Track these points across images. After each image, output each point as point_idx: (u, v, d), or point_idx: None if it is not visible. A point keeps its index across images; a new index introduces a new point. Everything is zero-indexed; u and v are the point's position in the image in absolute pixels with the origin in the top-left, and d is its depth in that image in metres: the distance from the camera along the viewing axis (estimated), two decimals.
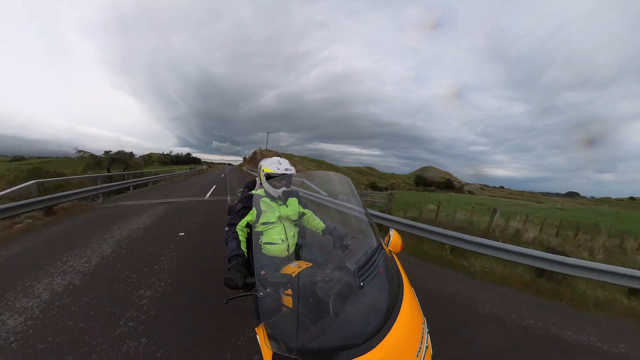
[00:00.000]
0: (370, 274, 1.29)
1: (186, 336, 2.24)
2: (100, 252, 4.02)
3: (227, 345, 2.14)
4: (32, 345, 2.08)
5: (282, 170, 1.84)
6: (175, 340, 2.19)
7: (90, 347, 2.09)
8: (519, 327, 2.72)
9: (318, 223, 2.03)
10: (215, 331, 2.30)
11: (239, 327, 2.33)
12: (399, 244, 1.86)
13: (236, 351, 2.08)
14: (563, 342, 2.54)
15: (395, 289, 1.37)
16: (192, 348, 2.11)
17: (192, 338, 2.23)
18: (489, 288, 3.56)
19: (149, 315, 2.50)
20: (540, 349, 2.44)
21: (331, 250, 1.80)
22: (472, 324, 2.71)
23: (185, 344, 2.15)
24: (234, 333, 2.27)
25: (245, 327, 2.33)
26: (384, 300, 1.30)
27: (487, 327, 2.66)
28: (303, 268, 1.51)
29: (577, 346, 2.51)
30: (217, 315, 2.51)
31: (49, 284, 3.01)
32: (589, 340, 2.59)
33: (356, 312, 1.22)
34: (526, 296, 3.43)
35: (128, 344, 2.12)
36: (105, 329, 2.29)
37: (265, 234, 1.80)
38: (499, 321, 2.78)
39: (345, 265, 1.47)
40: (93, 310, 2.56)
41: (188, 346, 2.13)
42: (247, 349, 2.08)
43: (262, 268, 1.48)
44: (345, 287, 1.29)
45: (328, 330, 1.12)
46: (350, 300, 1.25)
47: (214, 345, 2.15)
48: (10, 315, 2.43)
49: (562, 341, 2.55)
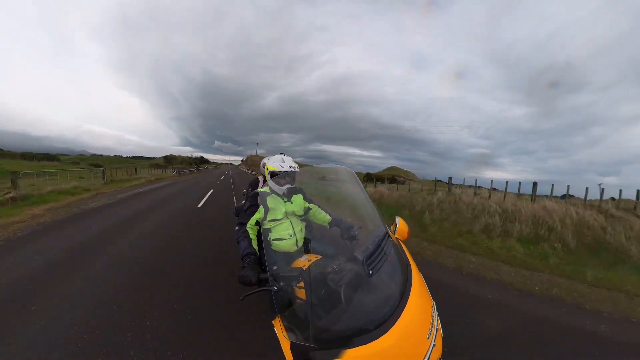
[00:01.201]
0: (378, 262, 1.33)
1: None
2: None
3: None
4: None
5: (285, 168, 1.87)
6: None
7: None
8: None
9: (324, 216, 2.06)
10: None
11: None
12: (406, 231, 1.88)
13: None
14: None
15: (403, 275, 1.41)
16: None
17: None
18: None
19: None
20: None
21: (339, 241, 1.84)
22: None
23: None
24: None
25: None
26: (394, 287, 1.34)
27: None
28: (313, 261, 1.56)
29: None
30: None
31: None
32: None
33: (367, 300, 1.26)
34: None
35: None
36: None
37: (274, 231, 1.84)
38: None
39: (354, 255, 1.51)
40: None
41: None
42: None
43: (274, 263, 1.53)
44: (355, 277, 1.33)
45: (341, 318, 1.17)
46: (360, 288, 1.29)
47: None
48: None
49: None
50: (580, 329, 2.64)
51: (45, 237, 4.76)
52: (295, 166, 1.92)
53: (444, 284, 3.49)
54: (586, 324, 2.73)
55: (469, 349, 2.21)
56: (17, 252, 3.98)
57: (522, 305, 3.05)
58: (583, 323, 2.76)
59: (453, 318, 2.59)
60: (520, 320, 2.77)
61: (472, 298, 3.16)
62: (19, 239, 4.64)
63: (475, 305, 3.00)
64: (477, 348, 2.24)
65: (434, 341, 1.13)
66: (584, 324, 2.74)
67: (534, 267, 4.34)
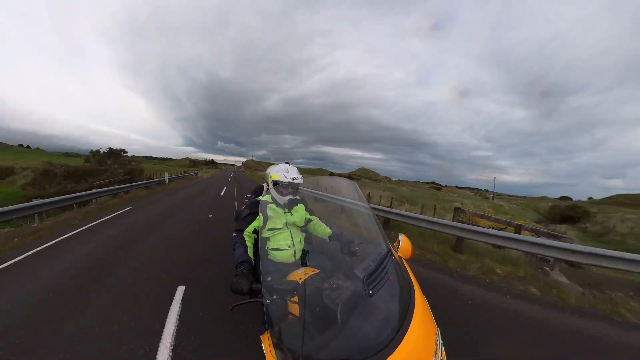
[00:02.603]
0: (379, 282, 1.25)
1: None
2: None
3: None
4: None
5: (288, 179, 1.82)
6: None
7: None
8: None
9: (324, 229, 1.99)
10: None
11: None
12: (409, 250, 1.79)
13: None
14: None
15: (406, 298, 1.31)
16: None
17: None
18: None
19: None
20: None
21: (338, 256, 1.76)
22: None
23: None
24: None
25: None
26: (395, 310, 1.24)
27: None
28: (310, 275, 1.48)
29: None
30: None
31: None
32: None
33: (365, 322, 1.17)
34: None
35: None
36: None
37: (272, 240, 1.78)
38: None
39: (354, 272, 1.42)
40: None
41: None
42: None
43: (269, 274, 1.45)
44: (354, 295, 1.25)
45: (335, 340, 1.07)
46: (358, 309, 1.20)
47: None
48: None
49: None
50: None
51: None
52: (299, 178, 1.87)
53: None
54: None
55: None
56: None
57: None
58: None
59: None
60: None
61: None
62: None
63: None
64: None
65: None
66: None
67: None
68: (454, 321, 2.60)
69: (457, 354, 2.03)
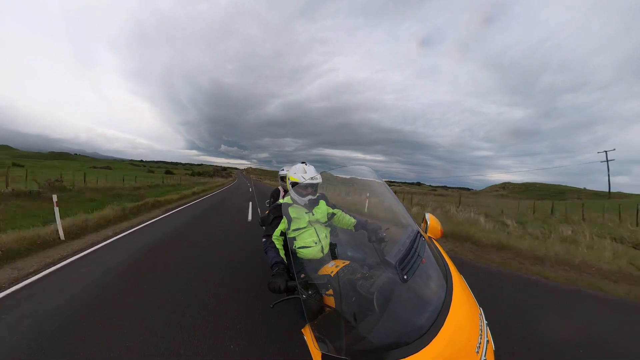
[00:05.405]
0: (413, 266, 1.22)
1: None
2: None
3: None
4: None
5: (307, 180, 1.82)
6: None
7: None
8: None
9: (349, 220, 1.99)
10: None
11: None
12: (439, 229, 1.73)
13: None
14: None
15: (443, 279, 1.27)
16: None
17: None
18: None
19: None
20: None
21: (367, 245, 1.75)
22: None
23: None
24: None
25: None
26: (433, 293, 1.21)
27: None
28: (341, 267, 1.49)
29: None
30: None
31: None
32: None
33: (403, 308, 1.16)
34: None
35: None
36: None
37: (299, 239, 1.81)
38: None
39: (385, 258, 1.41)
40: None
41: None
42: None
43: (302, 271, 1.49)
44: (388, 282, 1.23)
45: (375, 329, 1.07)
46: (395, 295, 1.19)
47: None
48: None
49: None
50: None
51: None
52: (317, 177, 1.85)
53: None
54: None
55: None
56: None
57: None
58: None
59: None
60: None
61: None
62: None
63: None
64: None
65: (485, 355, 0.98)
66: None
67: None
68: None
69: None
